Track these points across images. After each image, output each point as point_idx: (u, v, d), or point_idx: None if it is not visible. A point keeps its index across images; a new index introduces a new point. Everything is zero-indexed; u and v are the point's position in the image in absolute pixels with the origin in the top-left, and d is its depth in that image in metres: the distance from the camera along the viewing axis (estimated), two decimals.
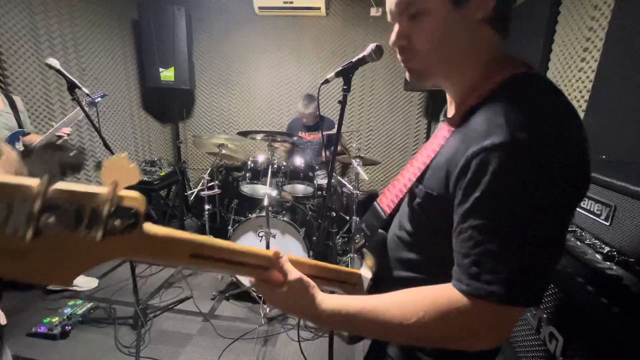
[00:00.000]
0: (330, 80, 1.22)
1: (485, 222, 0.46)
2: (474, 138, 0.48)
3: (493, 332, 0.49)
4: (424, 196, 0.59)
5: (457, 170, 0.50)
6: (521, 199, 0.44)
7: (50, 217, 0.35)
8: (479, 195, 0.46)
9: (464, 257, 0.49)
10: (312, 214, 2.71)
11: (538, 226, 0.45)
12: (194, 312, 2.33)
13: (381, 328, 0.52)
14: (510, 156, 0.44)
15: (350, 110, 3.71)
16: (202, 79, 3.88)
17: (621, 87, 1.46)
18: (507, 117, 0.46)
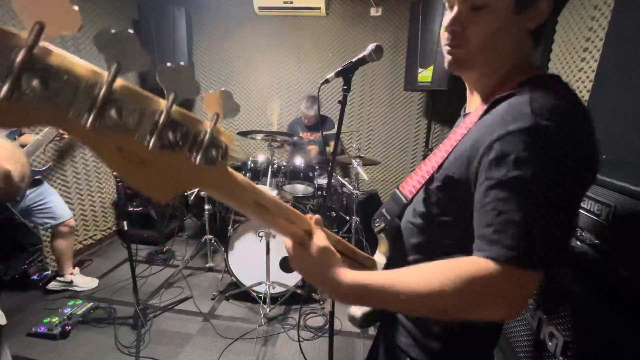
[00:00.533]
0: (330, 80, 1.22)
1: (509, 195, 0.50)
2: (499, 124, 0.53)
3: (512, 298, 0.51)
4: (444, 179, 0.62)
5: (481, 153, 0.54)
6: (544, 177, 0.49)
7: (170, 132, 0.38)
8: (504, 172, 0.51)
9: (487, 226, 0.52)
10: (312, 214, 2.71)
11: (556, 200, 0.50)
12: (194, 312, 2.33)
13: (405, 298, 0.53)
14: (535, 139, 0.49)
15: (350, 110, 3.71)
16: (202, 78, 3.88)
17: (621, 87, 1.46)
18: (533, 106, 0.51)
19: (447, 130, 3.59)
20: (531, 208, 0.49)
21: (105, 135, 0.34)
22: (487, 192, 0.52)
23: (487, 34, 0.59)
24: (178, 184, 0.41)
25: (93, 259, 2.99)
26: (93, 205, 3.17)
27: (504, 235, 0.50)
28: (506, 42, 0.60)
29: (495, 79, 0.63)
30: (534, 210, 0.49)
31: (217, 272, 2.83)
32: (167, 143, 0.38)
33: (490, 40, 0.60)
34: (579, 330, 0.88)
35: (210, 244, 2.89)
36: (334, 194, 3.01)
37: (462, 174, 0.59)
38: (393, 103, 3.64)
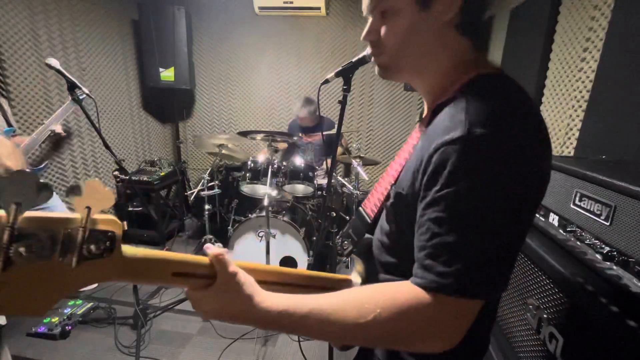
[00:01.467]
0: (330, 80, 1.22)
1: (442, 214, 0.46)
2: (437, 134, 0.49)
3: (449, 328, 0.47)
4: (395, 196, 0.60)
5: (422, 167, 0.51)
6: (476, 191, 0.45)
7: (21, 246, 0.35)
8: (437, 188, 0.47)
9: (420, 250, 0.49)
10: (312, 214, 2.71)
11: (493, 220, 0.45)
12: (194, 312, 2.32)
13: (334, 328, 0.48)
14: (467, 149, 0.45)
15: (350, 110, 3.71)
16: (202, 79, 3.88)
17: (621, 87, 1.46)
18: (467, 113, 0.47)
19: None
20: (465, 229, 0.45)
21: None
22: (423, 210, 0.49)
23: (398, 35, 0.57)
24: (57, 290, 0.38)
25: None
26: None
27: (436, 260, 0.46)
28: (422, 39, 0.57)
29: (434, 84, 0.60)
30: (468, 231, 0.45)
31: None
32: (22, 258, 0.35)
33: (404, 41, 0.57)
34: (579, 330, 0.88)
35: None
36: (334, 194, 3.01)
37: (409, 190, 0.55)
38: (393, 103, 3.64)
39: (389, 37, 0.58)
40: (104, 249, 0.40)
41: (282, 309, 0.48)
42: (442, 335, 0.47)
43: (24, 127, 2.48)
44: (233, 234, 2.41)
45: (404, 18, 0.56)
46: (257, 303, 0.48)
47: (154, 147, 3.96)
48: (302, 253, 2.36)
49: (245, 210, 2.67)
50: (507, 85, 0.53)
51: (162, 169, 3.39)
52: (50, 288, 0.38)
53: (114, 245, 0.41)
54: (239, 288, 0.48)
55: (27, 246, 0.35)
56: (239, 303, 0.48)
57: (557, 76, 2.07)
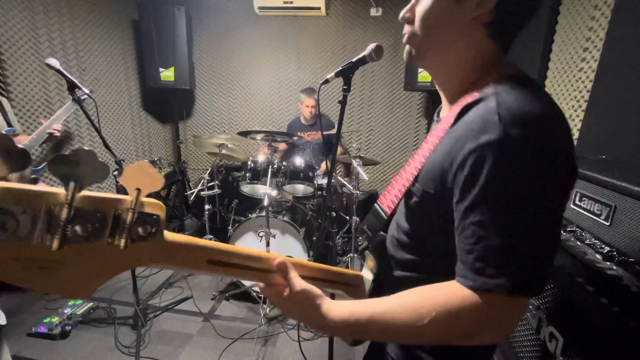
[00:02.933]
0: (330, 80, 1.22)
1: (485, 218, 0.48)
2: (469, 136, 0.50)
3: (502, 325, 0.50)
4: (422, 195, 0.60)
5: (454, 168, 0.51)
6: (517, 192, 0.46)
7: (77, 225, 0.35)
8: (477, 192, 0.48)
9: (468, 253, 0.50)
10: (312, 214, 2.71)
11: (535, 218, 0.47)
12: (194, 312, 2.33)
13: (393, 333, 0.53)
14: (505, 152, 0.46)
15: (350, 110, 3.71)
16: (202, 79, 3.88)
17: (621, 87, 1.46)
18: (501, 115, 0.47)
19: None
20: (511, 230, 0.47)
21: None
22: (464, 214, 0.50)
23: (428, 18, 0.59)
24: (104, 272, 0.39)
25: None
26: None
27: (486, 263, 0.48)
28: (450, 32, 0.58)
29: (454, 79, 0.62)
30: (514, 233, 0.47)
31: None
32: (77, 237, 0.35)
33: (433, 26, 0.59)
34: (579, 330, 0.88)
35: None
36: (334, 194, 3.01)
37: (439, 190, 0.56)
38: (393, 103, 3.64)
39: (421, 21, 0.60)
40: (150, 232, 0.40)
41: (345, 318, 0.54)
42: (496, 331, 0.50)
43: (24, 127, 2.48)
44: (233, 234, 2.41)
45: (440, 6, 0.57)
46: (324, 314, 0.55)
47: (154, 147, 3.96)
48: (302, 253, 2.36)
49: (245, 210, 2.67)
50: (531, 85, 0.53)
51: (162, 169, 3.39)
52: (98, 270, 0.38)
53: (159, 228, 0.41)
54: (314, 299, 0.56)
55: (82, 225, 0.36)
56: (311, 313, 0.56)
57: (557, 76, 2.07)
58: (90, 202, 0.36)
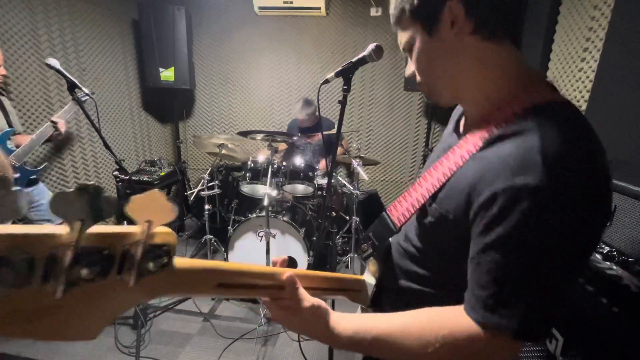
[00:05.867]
0: (330, 80, 1.22)
1: (506, 260, 0.47)
2: (504, 171, 0.47)
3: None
4: (439, 217, 0.58)
5: (482, 200, 0.49)
6: (547, 245, 0.45)
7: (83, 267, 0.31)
8: (503, 232, 0.46)
9: (482, 288, 0.49)
10: (312, 214, 2.71)
11: (558, 272, 0.46)
12: (194, 312, 2.33)
13: (396, 355, 0.54)
14: (542, 201, 0.44)
15: (350, 110, 3.70)
16: (202, 79, 3.87)
17: (621, 87, 1.46)
18: (543, 158, 0.44)
19: None
20: (530, 280, 0.46)
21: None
22: (485, 249, 0.49)
23: (421, 64, 0.60)
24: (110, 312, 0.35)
25: None
26: None
27: (499, 303, 0.48)
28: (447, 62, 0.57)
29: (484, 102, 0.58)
30: (531, 281, 0.46)
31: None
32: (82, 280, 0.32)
33: (430, 67, 0.60)
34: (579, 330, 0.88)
35: (210, 244, 2.89)
36: (334, 194, 3.01)
37: (459, 216, 0.54)
38: (393, 103, 3.63)
39: (418, 69, 0.61)
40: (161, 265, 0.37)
41: (350, 335, 0.56)
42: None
43: (23, 127, 2.47)
44: (233, 234, 2.41)
45: (420, 48, 0.58)
46: (330, 329, 0.56)
47: (154, 147, 3.96)
48: (302, 253, 2.36)
49: (245, 210, 2.67)
50: (579, 121, 0.49)
51: (162, 169, 3.39)
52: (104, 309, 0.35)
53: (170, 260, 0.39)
54: (318, 317, 0.56)
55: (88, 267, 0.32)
56: (318, 328, 0.56)
57: (557, 76, 2.07)
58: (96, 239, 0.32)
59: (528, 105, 0.51)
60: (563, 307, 0.49)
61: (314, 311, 0.56)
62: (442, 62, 0.58)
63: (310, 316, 0.56)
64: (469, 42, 0.55)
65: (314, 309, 0.56)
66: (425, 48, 0.58)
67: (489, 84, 0.57)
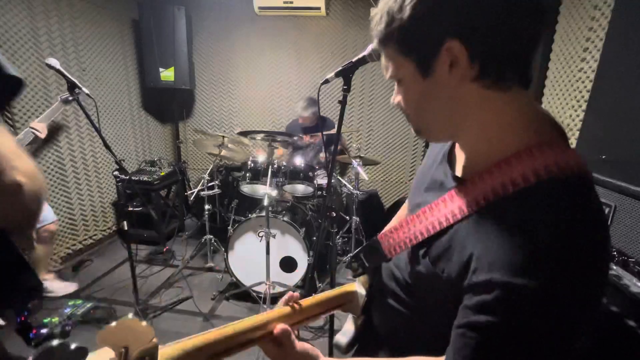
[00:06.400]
0: (330, 80, 1.22)
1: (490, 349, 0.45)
2: (504, 263, 0.43)
3: None
4: (432, 272, 0.55)
5: (477, 281, 0.46)
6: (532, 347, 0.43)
7: None
8: (494, 322, 0.44)
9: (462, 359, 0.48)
10: (312, 214, 2.71)
11: None
12: (194, 312, 2.33)
13: None
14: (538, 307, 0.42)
15: (350, 110, 3.71)
16: (202, 79, 3.88)
17: (621, 87, 1.46)
18: (551, 258, 0.41)
19: None
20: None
21: None
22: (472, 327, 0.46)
23: (411, 102, 0.54)
24: None
25: (93, 259, 2.99)
26: (93, 205, 3.17)
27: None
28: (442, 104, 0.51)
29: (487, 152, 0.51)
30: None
31: (217, 272, 2.83)
32: None
33: (422, 108, 0.53)
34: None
35: (210, 244, 2.89)
36: (334, 194, 3.01)
37: (451, 278, 0.51)
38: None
39: (406, 104, 0.55)
40: None
41: None
42: None
43: (23, 128, 2.47)
44: (233, 234, 2.41)
45: (413, 86, 0.52)
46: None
47: (154, 147, 3.96)
48: (302, 253, 2.36)
49: (245, 210, 2.67)
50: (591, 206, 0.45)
51: (162, 169, 3.39)
52: None
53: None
54: None
55: None
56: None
57: (557, 76, 2.07)
58: None
59: (539, 168, 0.45)
60: None
61: (305, 355, 0.61)
62: (438, 105, 0.51)
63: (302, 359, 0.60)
64: (470, 88, 0.48)
65: (305, 353, 0.61)
66: (417, 89, 0.51)
67: (494, 133, 0.50)
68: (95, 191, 3.18)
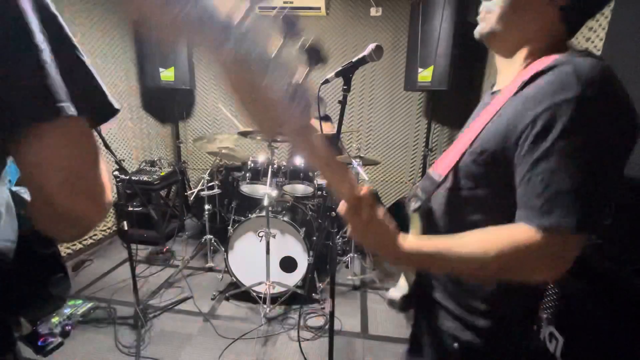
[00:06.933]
0: (330, 80, 1.22)
1: (556, 166, 0.53)
2: (543, 95, 0.55)
3: (561, 262, 0.55)
4: (479, 153, 0.64)
5: (524, 126, 0.56)
6: (591, 144, 0.52)
7: None
8: (549, 144, 0.53)
9: (536, 197, 0.55)
10: (312, 214, 2.71)
11: (604, 166, 0.53)
12: (194, 312, 2.33)
13: (461, 262, 0.59)
14: (581, 108, 0.52)
15: (350, 110, 3.70)
16: (202, 79, 3.88)
17: None
18: (578, 77, 0.53)
19: (447, 130, 3.59)
20: (580, 177, 0.52)
21: None
22: (534, 164, 0.55)
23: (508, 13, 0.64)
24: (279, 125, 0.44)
25: (93, 259, 2.99)
26: None
27: (554, 205, 0.53)
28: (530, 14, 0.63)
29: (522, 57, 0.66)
30: (583, 179, 0.52)
31: (217, 272, 2.83)
32: None
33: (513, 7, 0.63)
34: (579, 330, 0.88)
35: (210, 244, 2.89)
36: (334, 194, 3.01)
37: (500, 147, 0.60)
38: (393, 103, 3.63)
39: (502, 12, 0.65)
40: None
41: (418, 247, 0.61)
42: (556, 267, 0.55)
43: None
44: (233, 234, 2.41)
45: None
46: (400, 242, 0.61)
47: (154, 147, 3.96)
48: (302, 253, 2.36)
49: (245, 210, 2.67)
50: (599, 58, 0.57)
51: (162, 169, 3.39)
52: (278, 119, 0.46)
53: None
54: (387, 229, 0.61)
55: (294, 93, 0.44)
56: (385, 241, 0.61)
57: None
58: None
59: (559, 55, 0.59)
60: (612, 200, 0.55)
61: (387, 224, 0.61)
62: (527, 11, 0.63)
63: (383, 227, 0.60)
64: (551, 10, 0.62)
65: (387, 221, 0.61)
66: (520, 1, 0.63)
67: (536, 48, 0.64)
68: None
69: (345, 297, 2.58)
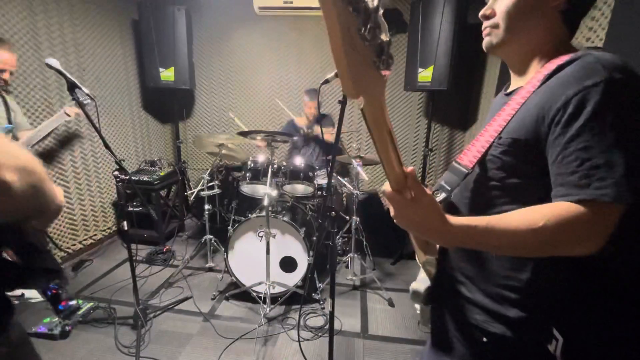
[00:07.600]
0: (330, 80, 1.22)
1: (590, 143, 0.56)
2: (571, 83, 0.58)
3: (602, 232, 0.57)
4: (510, 143, 0.66)
5: (554, 110, 0.59)
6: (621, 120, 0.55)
7: None
8: (582, 123, 0.56)
9: (571, 174, 0.57)
10: (312, 214, 2.71)
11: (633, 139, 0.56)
12: (194, 312, 2.33)
13: (508, 236, 0.59)
14: (610, 90, 0.55)
15: (350, 110, 3.71)
16: (202, 79, 3.88)
17: None
18: (603, 64, 0.57)
19: (447, 130, 3.59)
20: (613, 150, 0.55)
21: None
22: (567, 144, 0.58)
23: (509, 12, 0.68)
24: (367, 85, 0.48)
25: (93, 259, 2.99)
26: (93, 205, 3.17)
27: (591, 179, 0.56)
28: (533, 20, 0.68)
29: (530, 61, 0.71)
30: (616, 152, 0.55)
31: (217, 272, 2.83)
32: None
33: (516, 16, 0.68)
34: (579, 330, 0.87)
35: (210, 244, 2.89)
36: (334, 194, 3.01)
37: (531, 134, 0.63)
38: (393, 103, 3.63)
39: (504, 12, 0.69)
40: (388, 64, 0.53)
41: (463, 224, 0.61)
42: (595, 238, 0.57)
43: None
44: (233, 234, 2.41)
45: None
46: (445, 220, 0.60)
47: (154, 147, 3.96)
48: (302, 253, 2.36)
49: (245, 210, 2.67)
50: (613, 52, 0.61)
51: (162, 169, 3.39)
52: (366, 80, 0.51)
53: None
54: (433, 208, 0.60)
55: None
56: (432, 219, 0.60)
57: None
58: None
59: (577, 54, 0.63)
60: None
61: (432, 202, 0.60)
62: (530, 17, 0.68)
63: (429, 207, 0.60)
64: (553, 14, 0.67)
65: (433, 200, 0.60)
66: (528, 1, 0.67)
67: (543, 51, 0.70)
68: (95, 191, 3.18)
69: (345, 297, 2.58)
